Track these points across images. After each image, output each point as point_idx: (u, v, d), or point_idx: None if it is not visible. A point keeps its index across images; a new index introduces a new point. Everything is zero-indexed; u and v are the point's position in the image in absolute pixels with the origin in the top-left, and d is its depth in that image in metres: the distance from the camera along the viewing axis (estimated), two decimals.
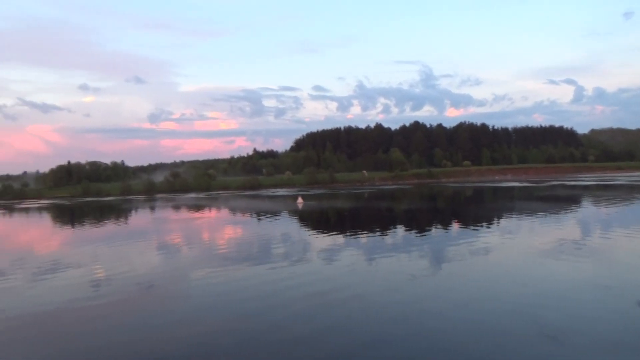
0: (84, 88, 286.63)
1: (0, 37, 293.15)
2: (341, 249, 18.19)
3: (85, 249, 21.59)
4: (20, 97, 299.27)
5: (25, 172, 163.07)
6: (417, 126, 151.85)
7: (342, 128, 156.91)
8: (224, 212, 41.02)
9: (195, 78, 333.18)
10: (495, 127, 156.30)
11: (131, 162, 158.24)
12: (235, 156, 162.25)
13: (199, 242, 22.24)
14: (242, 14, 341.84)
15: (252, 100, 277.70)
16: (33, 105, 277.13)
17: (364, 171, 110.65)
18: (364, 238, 20.84)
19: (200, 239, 23.79)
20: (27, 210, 59.31)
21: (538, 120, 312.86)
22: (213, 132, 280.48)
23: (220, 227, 29.40)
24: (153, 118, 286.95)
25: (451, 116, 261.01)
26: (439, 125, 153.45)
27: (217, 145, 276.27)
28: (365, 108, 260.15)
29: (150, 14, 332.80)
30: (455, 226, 24.28)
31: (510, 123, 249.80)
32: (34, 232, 32.50)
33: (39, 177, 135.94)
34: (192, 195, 79.05)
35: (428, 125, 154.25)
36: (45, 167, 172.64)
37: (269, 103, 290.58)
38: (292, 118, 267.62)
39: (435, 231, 22.31)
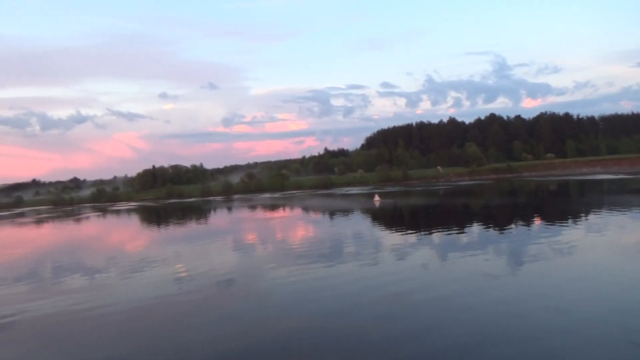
0: (163, 96, 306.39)
1: (90, 53, 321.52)
2: (419, 247, 18.13)
3: (169, 248, 23.46)
4: (109, 107, 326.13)
5: (115, 177, 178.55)
6: (493, 118, 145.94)
7: (414, 124, 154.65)
8: (300, 212, 42.07)
9: (265, 81, 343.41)
10: (580, 117, 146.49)
11: (208, 165, 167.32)
12: (306, 156, 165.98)
13: (276, 241, 23.02)
14: (308, 16, 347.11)
15: (320, 100, 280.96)
16: (120, 114, 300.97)
17: (439, 167, 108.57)
18: (441, 236, 20.62)
19: (276, 237, 24.55)
20: (118, 212, 64.95)
21: (626, 107, 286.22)
22: (283, 133, 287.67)
23: (297, 226, 30.15)
24: (227, 122, 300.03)
25: (528, 107, 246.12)
26: (518, 117, 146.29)
27: (288, 146, 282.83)
28: (435, 103, 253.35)
29: (221, 22, 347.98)
30: (538, 223, 23.44)
31: (594, 112, 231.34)
32: (125, 233, 35.54)
33: (128, 181, 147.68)
34: (267, 195, 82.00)
35: (505, 117, 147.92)
36: (132, 172, 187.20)
37: (337, 102, 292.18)
38: (361, 116, 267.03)
39: (517, 229, 21.64)
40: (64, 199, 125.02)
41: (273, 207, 51.19)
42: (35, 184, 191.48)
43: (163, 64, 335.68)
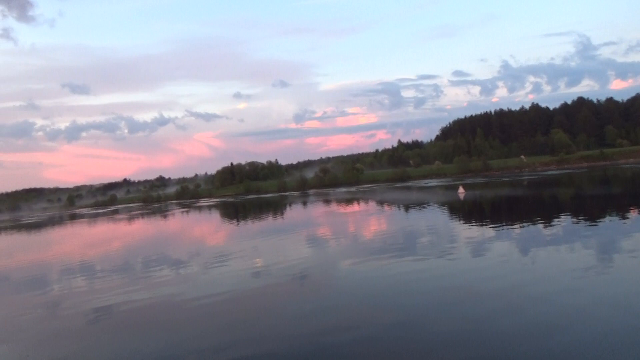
0: (237, 96, 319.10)
1: (170, 59, 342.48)
2: (505, 241, 17.31)
3: (248, 243, 24.30)
4: (188, 109, 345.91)
5: (196, 175, 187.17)
6: (581, 102, 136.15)
7: (493, 111, 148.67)
8: (378, 205, 41.66)
9: (334, 76, 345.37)
10: None
11: (281, 161, 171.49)
12: (377, 149, 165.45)
13: (354, 235, 23.01)
14: (377, 8, 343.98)
15: (390, 93, 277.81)
16: (198, 115, 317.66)
17: (522, 156, 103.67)
18: (529, 229, 19.68)
19: (355, 232, 24.46)
20: (201, 208, 68.58)
21: None
22: (354, 127, 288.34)
23: (376, 219, 29.81)
24: (298, 118, 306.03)
25: (617, 89, 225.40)
26: (610, 100, 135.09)
27: (359, 140, 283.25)
28: (512, 89, 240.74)
29: (290, 21, 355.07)
30: (636, 214, 21.82)
31: None
32: (207, 228, 37.24)
33: (208, 178, 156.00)
34: (342, 189, 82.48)
35: (595, 101, 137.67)
36: (210, 169, 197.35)
37: (407, 94, 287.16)
38: (433, 107, 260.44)
39: (611, 220, 20.06)
40: (152, 196, 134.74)
41: (350, 201, 51.30)
42: (126, 183, 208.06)
43: (236, 65, 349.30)
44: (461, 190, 45.10)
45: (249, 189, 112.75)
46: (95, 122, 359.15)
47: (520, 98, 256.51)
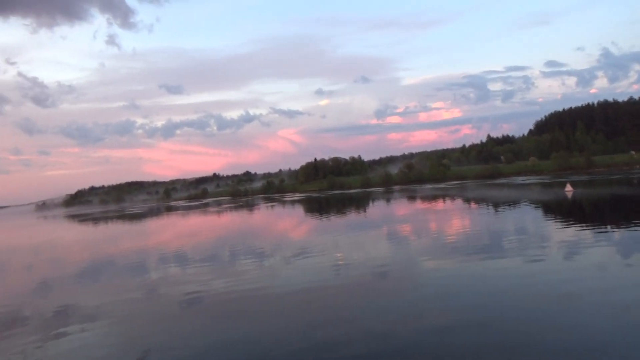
0: (319, 93, 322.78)
1: (256, 58, 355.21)
2: (603, 245, 16.04)
3: (329, 237, 24.52)
4: (272, 106, 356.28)
5: (280, 170, 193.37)
6: None
7: (595, 103, 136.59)
8: (470, 202, 40.11)
9: (417, 70, 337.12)
10: None
11: (363, 157, 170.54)
12: (463, 145, 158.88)
13: (445, 233, 22.29)
14: None
15: (476, 86, 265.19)
16: (281, 112, 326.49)
17: (632, 152, 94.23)
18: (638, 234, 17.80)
19: (446, 229, 23.69)
20: (286, 202, 70.43)
21: None
22: (437, 122, 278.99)
23: (465, 217, 28.60)
24: (379, 114, 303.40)
25: None
26: None
27: (442, 135, 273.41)
28: (613, 79, 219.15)
29: (373, 16, 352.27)
30: None
31: None
32: (291, 222, 38.12)
33: (292, 174, 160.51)
34: (429, 186, 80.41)
35: None
36: (294, 165, 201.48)
37: (494, 87, 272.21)
38: (522, 100, 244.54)
39: None
40: (239, 190, 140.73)
41: (437, 197, 49.93)
42: (215, 177, 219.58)
43: (319, 62, 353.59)
44: (569, 188, 42.03)
45: (333, 185, 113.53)
46: (187, 120, 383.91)
47: (623, 89, 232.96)
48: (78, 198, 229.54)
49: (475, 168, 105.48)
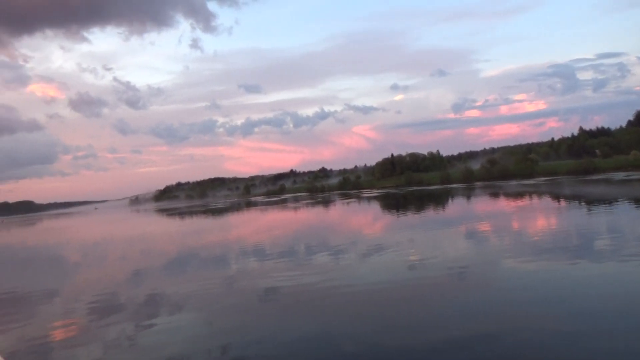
0: (394, 88, 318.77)
1: (330, 55, 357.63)
2: None
3: (406, 234, 24.12)
4: (347, 103, 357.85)
5: (356, 166, 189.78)
6: None
7: None
8: (564, 200, 37.11)
9: (498, 61, 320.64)
10: None
11: (441, 152, 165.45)
12: (552, 138, 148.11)
13: (531, 232, 20.97)
14: None
15: (563, 76, 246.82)
16: (356, 108, 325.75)
17: None
18: None
19: (533, 228, 22.25)
20: (364, 199, 70.21)
21: None
22: (519, 115, 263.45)
23: (557, 215, 26.46)
24: (457, 108, 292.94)
25: None
26: None
27: (525, 129, 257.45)
28: None
29: (449, 6, 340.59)
30: None
31: None
32: (367, 218, 37.64)
33: (367, 170, 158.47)
34: (514, 182, 75.86)
35: None
36: (369, 161, 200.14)
37: (584, 76, 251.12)
38: (617, 89, 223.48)
39: None
40: (316, 186, 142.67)
41: (529, 194, 46.92)
42: (292, 173, 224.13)
43: (393, 56, 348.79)
44: None
45: (410, 181, 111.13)
46: (265, 118, 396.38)
47: None
48: (166, 193, 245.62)
49: (568, 163, 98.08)
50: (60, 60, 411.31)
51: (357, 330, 9.75)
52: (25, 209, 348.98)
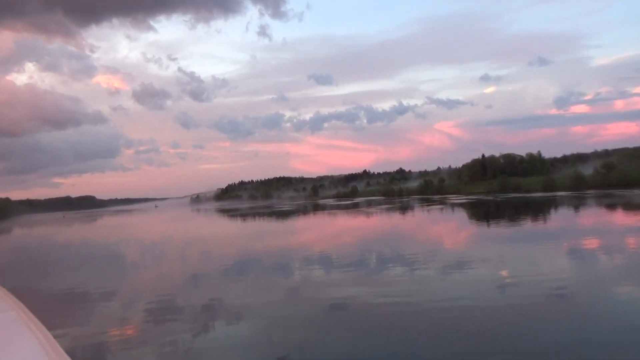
0: (485, 79, 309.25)
1: (409, 43, 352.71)
2: None
3: (498, 248, 23.47)
4: (428, 96, 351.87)
5: (439, 168, 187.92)
6: None
7: None
8: None
9: (612, 47, 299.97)
10: None
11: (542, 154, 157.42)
12: None
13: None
14: None
15: None
16: (439, 102, 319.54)
17: None
18: None
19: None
20: (450, 205, 69.20)
21: None
22: (638, 111, 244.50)
23: None
24: (560, 102, 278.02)
25: None
26: None
27: None
28: None
29: None
30: None
31: None
32: (452, 227, 37.05)
33: (452, 172, 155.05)
34: (638, 191, 70.79)
35: None
36: (454, 162, 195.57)
37: None
38: None
39: None
40: (393, 189, 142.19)
41: None
42: (365, 174, 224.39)
43: (484, 43, 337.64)
44: None
45: (505, 186, 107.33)
46: (336, 112, 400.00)
47: None
48: (228, 192, 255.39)
49: None
50: (126, 50, 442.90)
51: (435, 357, 9.65)
52: (88, 204, 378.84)
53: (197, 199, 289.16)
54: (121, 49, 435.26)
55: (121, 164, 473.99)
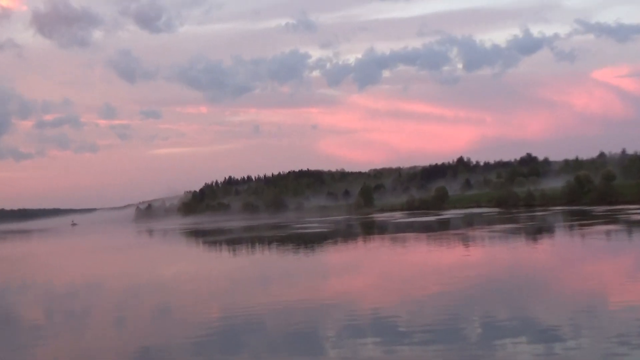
0: None
1: None
2: None
3: None
4: (580, 18, 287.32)
5: (602, 154, 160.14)
6: None
7: None
8: None
9: None
10: None
11: None
12: None
13: None
14: None
15: None
16: (601, 29, 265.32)
17: None
18: None
19: None
20: None
21: None
22: None
23: None
24: None
25: None
26: None
27: None
28: None
29: None
30: None
31: None
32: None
33: (631, 162, 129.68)
34: None
35: None
36: (627, 143, 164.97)
37: None
38: None
39: None
40: (515, 194, 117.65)
41: None
42: (462, 165, 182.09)
43: None
44: None
45: None
46: (405, 50, 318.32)
47: None
48: (205, 200, 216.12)
49: None
50: None
51: None
52: None
53: (147, 211, 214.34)
54: None
55: (12, 147, 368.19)
